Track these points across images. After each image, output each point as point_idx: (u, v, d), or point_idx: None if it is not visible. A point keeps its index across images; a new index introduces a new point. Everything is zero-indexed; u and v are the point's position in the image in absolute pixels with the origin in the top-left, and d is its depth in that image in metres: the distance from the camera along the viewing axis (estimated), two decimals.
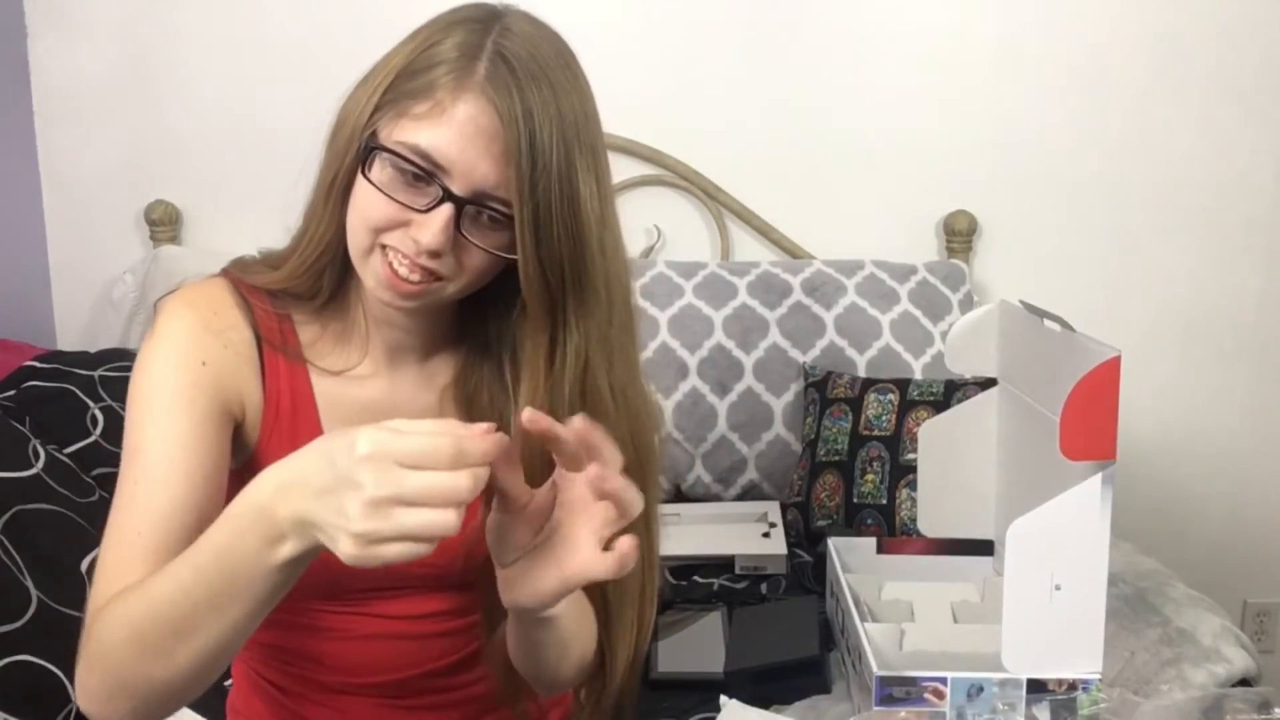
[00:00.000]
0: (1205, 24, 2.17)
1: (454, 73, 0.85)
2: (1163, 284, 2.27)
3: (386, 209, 0.87)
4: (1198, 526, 2.36)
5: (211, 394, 0.91)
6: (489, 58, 0.85)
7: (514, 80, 0.84)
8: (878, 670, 1.15)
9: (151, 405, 0.89)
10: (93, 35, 2.15)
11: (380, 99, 0.87)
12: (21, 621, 1.29)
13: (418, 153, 0.85)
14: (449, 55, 0.85)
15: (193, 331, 0.92)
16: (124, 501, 0.87)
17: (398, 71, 0.87)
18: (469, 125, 0.84)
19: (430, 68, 0.85)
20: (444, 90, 0.85)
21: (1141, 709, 1.12)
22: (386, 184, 0.86)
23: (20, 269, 2.19)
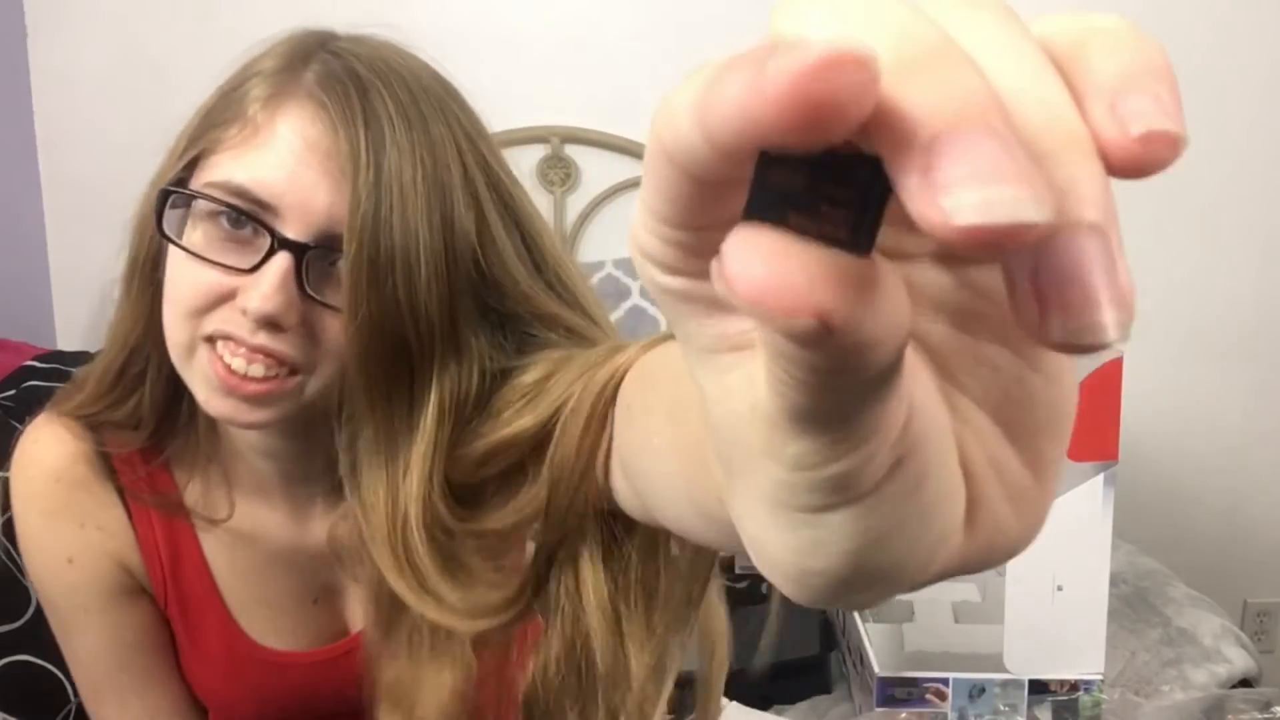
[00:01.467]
0: (1205, 23, 2.17)
1: (271, 84, 0.65)
2: (1163, 284, 2.27)
3: (204, 279, 0.64)
4: (1198, 527, 2.36)
5: (96, 587, 0.77)
6: (319, 59, 0.67)
7: (354, 76, 0.65)
8: (879, 671, 1.15)
9: (57, 617, 0.80)
10: (93, 35, 2.15)
11: (188, 146, 0.69)
12: (21, 621, 1.28)
13: (232, 191, 0.63)
14: (265, 68, 0.67)
15: (39, 526, 0.77)
16: (93, 706, 0.81)
17: (206, 111, 0.69)
18: (295, 140, 0.63)
19: (242, 85, 0.67)
20: (257, 105, 0.65)
21: (1143, 709, 1.12)
22: (200, 247, 0.64)
23: (20, 269, 2.18)
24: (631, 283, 2.08)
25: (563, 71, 2.16)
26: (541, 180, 2.18)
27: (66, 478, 0.76)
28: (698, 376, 0.26)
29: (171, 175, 0.68)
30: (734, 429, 0.25)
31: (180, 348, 0.66)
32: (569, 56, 2.17)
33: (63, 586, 0.77)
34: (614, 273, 2.09)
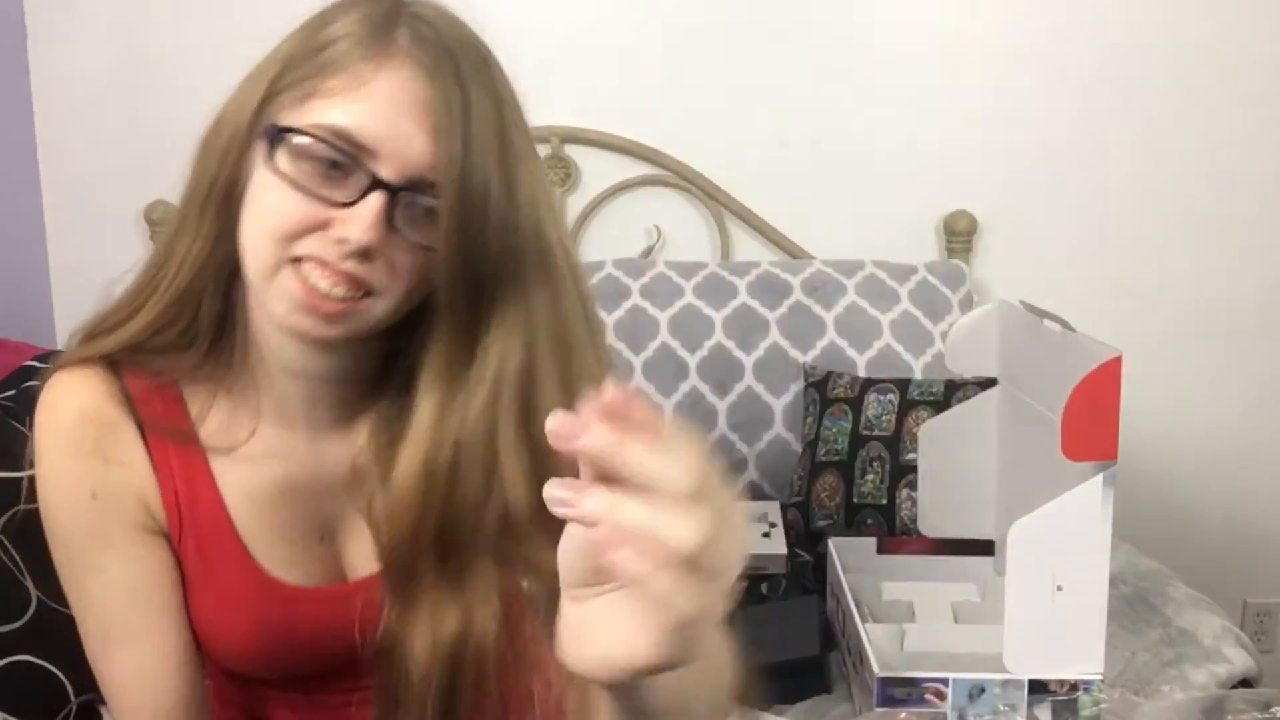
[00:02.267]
0: (1205, 23, 2.17)
1: (367, 42, 0.71)
2: (1163, 284, 2.27)
3: (300, 208, 0.71)
4: (1198, 526, 2.36)
5: (117, 523, 0.81)
6: (406, 23, 0.72)
7: (441, 43, 0.71)
8: (879, 671, 1.15)
9: (70, 555, 0.83)
10: (93, 35, 2.15)
11: (270, 87, 0.74)
12: (21, 621, 1.28)
13: (337, 134, 0.70)
14: (353, 30, 0.72)
15: (65, 465, 0.82)
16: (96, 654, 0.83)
17: (286, 57, 0.75)
18: (399, 93, 0.70)
19: (333, 43, 0.72)
20: (359, 60, 0.70)
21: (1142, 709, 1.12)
22: (303, 175, 0.71)
23: (20, 269, 2.18)
24: (631, 283, 2.08)
25: (563, 71, 2.16)
26: None
27: (96, 417, 0.81)
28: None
29: (254, 111, 0.74)
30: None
31: (265, 268, 0.73)
32: (569, 56, 2.17)
33: (85, 523, 0.81)
34: (614, 273, 2.09)
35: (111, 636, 0.82)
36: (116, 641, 0.82)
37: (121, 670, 0.82)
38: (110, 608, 0.82)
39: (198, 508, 0.82)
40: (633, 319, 2.05)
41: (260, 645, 0.84)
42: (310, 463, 0.84)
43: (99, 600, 0.82)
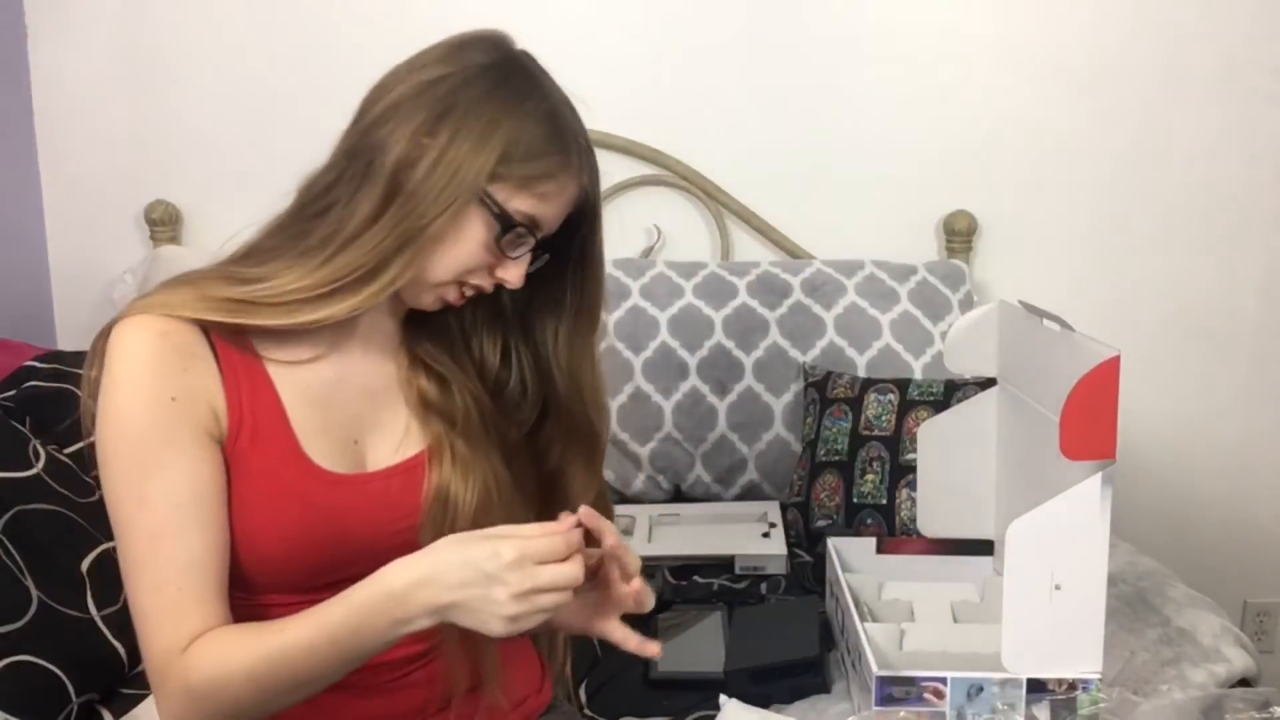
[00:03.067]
0: (1205, 23, 2.17)
1: (561, 161, 1.02)
2: (1163, 284, 2.27)
3: (487, 258, 1.01)
4: (1198, 526, 2.36)
5: (190, 426, 0.95)
6: (575, 143, 1.04)
7: (589, 158, 1.06)
8: (877, 670, 1.15)
9: (139, 456, 0.93)
10: (93, 35, 2.15)
11: (495, 169, 0.98)
12: (21, 622, 1.29)
13: (533, 221, 1.01)
14: (567, 140, 1.03)
15: (148, 370, 0.94)
16: (143, 555, 0.93)
17: (505, 148, 0.98)
18: (565, 206, 1.04)
19: (542, 155, 1.00)
20: (561, 177, 1.02)
21: (1141, 709, 1.12)
22: (507, 243, 1.01)
23: (20, 269, 2.19)
24: (631, 283, 2.08)
25: (562, 72, 2.15)
26: None
27: (173, 334, 0.96)
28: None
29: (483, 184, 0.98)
30: None
31: (437, 284, 1.02)
32: (569, 57, 2.16)
33: (161, 424, 0.93)
34: (614, 273, 2.10)
35: (165, 532, 0.92)
36: (169, 536, 0.92)
37: (169, 564, 0.92)
38: (170, 504, 0.92)
39: (258, 404, 0.99)
40: (633, 319, 2.05)
41: (301, 527, 0.98)
42: (357, 373, 1.06)
43: (160, 497, 0.92)
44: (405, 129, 0.97)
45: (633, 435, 2.01)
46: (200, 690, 0.90)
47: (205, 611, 0.92)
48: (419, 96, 0.98)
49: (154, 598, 0.92)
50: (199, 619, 0.92)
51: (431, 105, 0.98)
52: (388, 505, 1.03)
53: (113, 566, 1.42)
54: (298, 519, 0.99)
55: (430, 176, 0.96)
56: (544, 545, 0.86)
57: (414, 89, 0.99)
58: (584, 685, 1.43)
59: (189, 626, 0.92)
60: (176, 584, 0.92)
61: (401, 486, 1.04)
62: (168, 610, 0.92)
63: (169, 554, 0.92)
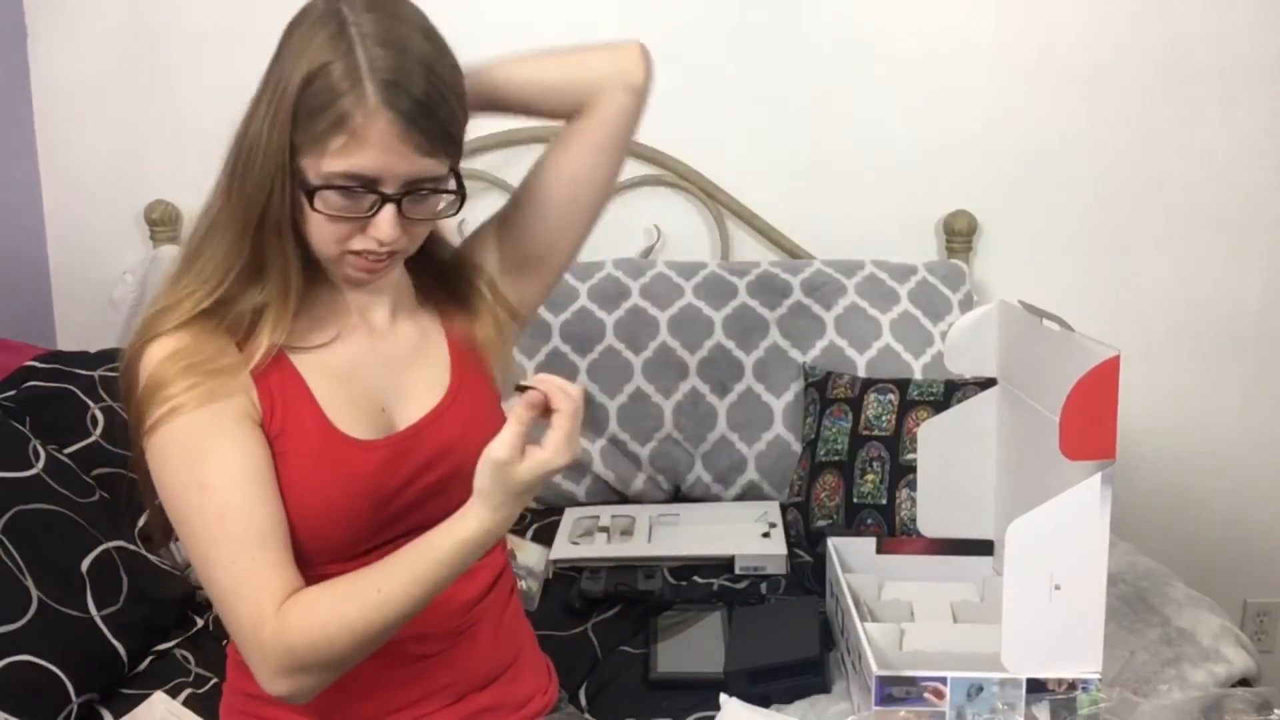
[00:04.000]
0: (1205, 23, 2.17)
1: (350, 101, 0.95)
2: (1163, 283, 2.27)
3: (342, 228, 1.00)
4: (1198, 526, 2.36)
5: (232, 411, 1.01)
6: (369, 73, 0.95)
7: (401, 85, 0.96)
8: (877, 670, 1.15)
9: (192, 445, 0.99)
10: (93, 35, 2.15)
11: (292, 139, 0.97)
12: (22, 622, 1.29)
13: (348, 177, 0.97)
14: (338, 84, 0.95)
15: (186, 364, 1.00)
16: (214, 535, 0.98)
17: (294, 110, 0.96)
18: (382, 141, 0.96)
19: (328, 105, 0.95)
20: (351, 120, 0.95)
21: (1141, 709, 1.12)
22: (335, 208, 0.99)
23: (20, 269, 2.19)
24: (631, 283, 2.08)
25: None
26: None
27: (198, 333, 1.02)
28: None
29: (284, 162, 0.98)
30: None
31: (331, 258, 1.04)
32: None
33: (206, 412, 0.99)
34: (614, 273, 2.10)
35: (230, 509, 0.98)
36: (235, 512, 0.98)
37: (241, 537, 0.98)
38: (231, 482, 0.98)
39: (286, 389, 1.05)
40: (633, 319, 2.05)
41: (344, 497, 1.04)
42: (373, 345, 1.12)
43: (220, 478, 0.98)
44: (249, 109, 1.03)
45: (633, 435, 2.01)
46: (301, 649, 0.96)
47: (284, 576, 0.98)
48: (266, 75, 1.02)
49: (232, 572, 0.97)
50: (280, 584, 0.97)
51: (266, 73, 1.02)
52: (415, 457, 1.09)
53: (112, 566, 1.43)
54: (340, 489, 1.04)
55: (250, 169, 1.01)
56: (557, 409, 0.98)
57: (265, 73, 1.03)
58: (584, 687, 1.43)
59: (270, 592, 0.97)
60: (250, 554, 0.97)
61: (426, 437, 1.10)
62: (247, 580, 0.97)
63: (238, 529, 0.98)
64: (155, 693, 1.35)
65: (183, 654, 1.47)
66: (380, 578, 0.97)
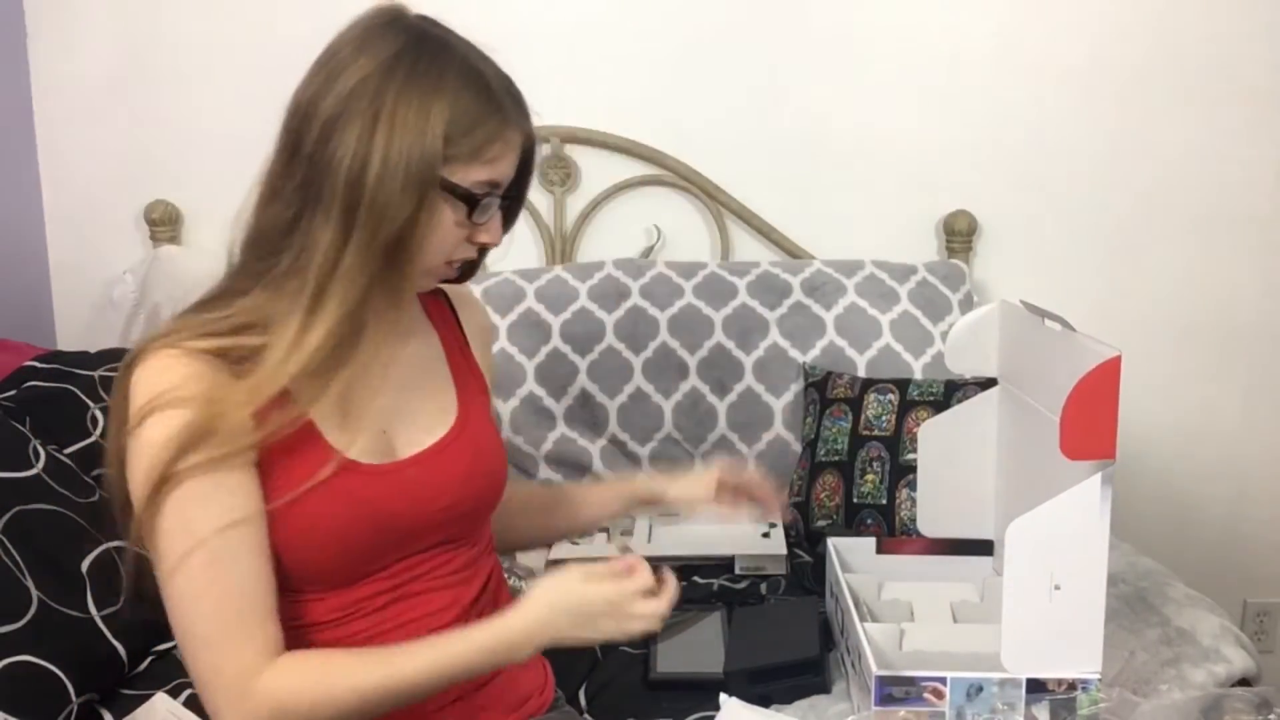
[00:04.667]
0: (1204, 23, 2.17)
1: (500, 120, 1.03)
2: (1162, 284, 2.27)
3: (461, 233, 1.05)
4: (1198, 526, 2.36)
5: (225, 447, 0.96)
6: (507, 96, 1.04)
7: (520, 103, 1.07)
8: (877, 670, 1.15)
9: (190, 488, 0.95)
10: (93, 35, 2.15)
11: (445, 151, 1.00)
12: (22, 622, 1.28)
13: (494, 185, 1.05)
14: (487, 107, 1.02)
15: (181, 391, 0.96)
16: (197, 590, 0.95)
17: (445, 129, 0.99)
18: (517, 152, 1.06)
19: (482, 121, 1.01)
20: (505, 134, 1.03)
21: (1141, 709, 1.12)
22: (467, 217, 1.04)
23: (20, 269, 2.19)
24: (631, 283, 2.08)
25: (563, 71, 2.16)
26: (541, 180, 2.18)
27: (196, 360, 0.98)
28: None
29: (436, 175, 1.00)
30: None
31: (426, 272, 1.07)
32: (569, 57, 2.17)
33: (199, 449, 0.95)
34: (614, 273, 2.10)
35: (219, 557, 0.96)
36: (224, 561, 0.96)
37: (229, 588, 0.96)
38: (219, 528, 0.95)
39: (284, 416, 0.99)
40: (633, 319, 2.05)
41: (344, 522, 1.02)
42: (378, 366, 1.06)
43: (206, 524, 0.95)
44: (346, 145, 0.98)
45: (633, 435, 2.01)
46: (295, 710, 0.96)
47: (269, 631, 0.98)
48: (347, 108, 0.99)
49: (216, 622, 0.95)
50: (263, 638, 0.97)
51: (361, 113, 0.98)
52: (422, 487, 1.08)
53: (112, 566, 1.43)
54: (339, 514, 1.03)
55: (384, 183, 0.98)
56: (637, 585, 1.06)
57: (339, 101, 1.00)
58: (584, 687, 1.43)
59: (255, 646, 0.96)
60: (237, 607, 0.96)
61: (433, 468, 1.10)
62: (234, 632, 0.96)
63: (224, 582, 0.96)
64: (157, 693, 1.35)
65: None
66: (403, 656, 0.99)
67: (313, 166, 1.00)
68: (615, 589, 1.05)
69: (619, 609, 1.04)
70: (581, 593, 1.04)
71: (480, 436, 1.18)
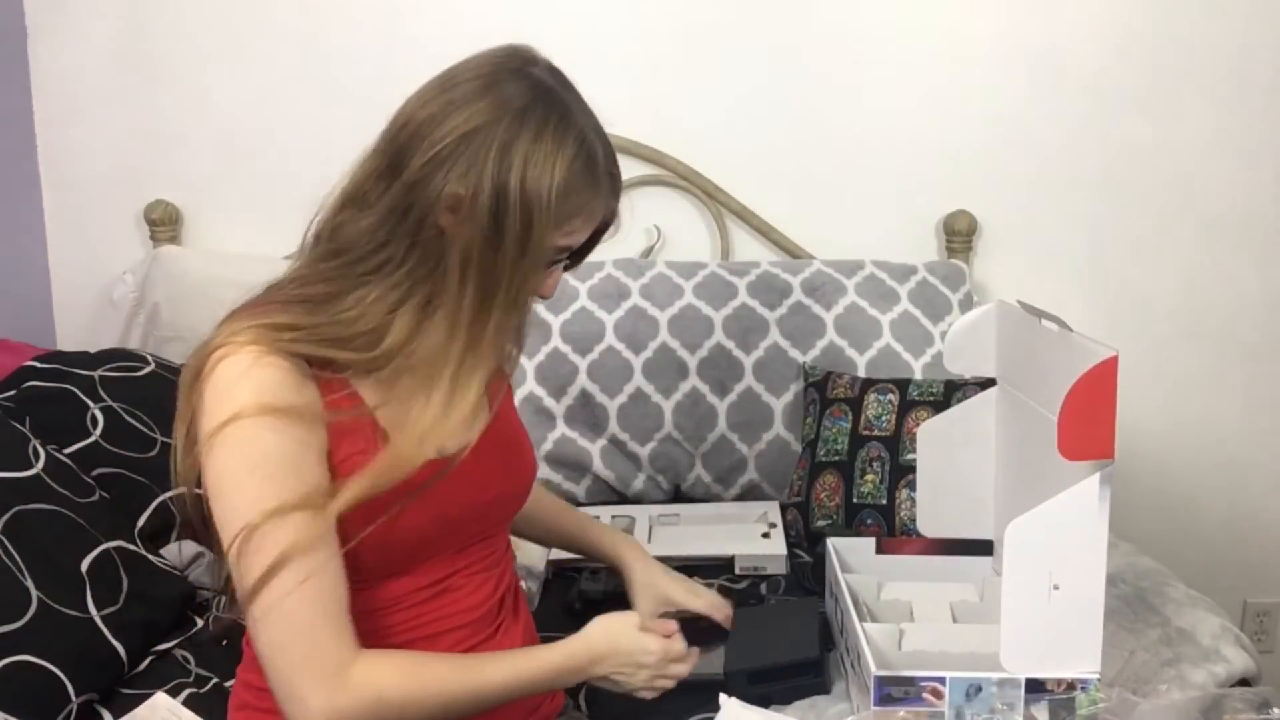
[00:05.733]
0: (1205, 23, 2.17)
1: (590, 194, 1.07)
2: (1163, 283, 2.27)
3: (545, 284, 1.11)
4: (1198, 526, 2.36)
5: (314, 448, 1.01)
6: (606, 175, 1.08)
7: (615, 184, 1.11)
8: (876, 670, 1.15)
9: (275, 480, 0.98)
10: (93, 35, 2.15)
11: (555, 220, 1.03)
12: (22, 622, 1.29)
13: (565, 250, 1.10)
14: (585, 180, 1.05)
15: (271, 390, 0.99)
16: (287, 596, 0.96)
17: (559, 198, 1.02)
18: (595, 225, 1.11)
19: (576, 192, 1.04)
20: (590, 208, 1.08)
21: (1140, 709, 1.12)
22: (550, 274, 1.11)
23: (20, 269, 2.19)
24: (631, 283, 2.08)
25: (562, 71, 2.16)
26: None
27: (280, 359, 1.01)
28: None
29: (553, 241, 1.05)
30: None
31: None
32: (569, 56, 2.16)
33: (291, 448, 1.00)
34: (614, 273, 2.10)
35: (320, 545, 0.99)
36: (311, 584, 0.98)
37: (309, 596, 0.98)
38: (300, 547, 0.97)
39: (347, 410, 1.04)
40: (633, 319, 2.05)
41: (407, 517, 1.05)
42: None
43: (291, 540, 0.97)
44: (452, 185, 1.00)
45: (633, 435, 2.01)
46: (393, 700, 1.00)
47: (353, 625, 1.01)
48: (461, 149, 1.00)
49: (313, 612, 0.98)
50: (351, 631, 1.00)
51: (480, 159, 1.00)
52: (472, 481, 1.12)
53: (112, 566, 1.43)
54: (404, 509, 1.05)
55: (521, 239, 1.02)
56: (677, 650, 1.17)
57: (455, 140, 1.00)
58: (583, 690, 1.42)
59: (348, 637, 1.00)
60: (334, 596, 1.00)
61: (480, 461, 1.12)
62: (330, 621, 0.99)
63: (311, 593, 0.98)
64: (157, 693, 1.35)
65: (183, 654, 1.47)
66: (490, 666, 1.07)
67: (409, 195, 1.01)
68: (662, 646, 1.15)
69: (660, 664, 1.14)
70: (638, 640, 1.14)
71: (510, 427, 1.24)
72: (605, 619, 1.14)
